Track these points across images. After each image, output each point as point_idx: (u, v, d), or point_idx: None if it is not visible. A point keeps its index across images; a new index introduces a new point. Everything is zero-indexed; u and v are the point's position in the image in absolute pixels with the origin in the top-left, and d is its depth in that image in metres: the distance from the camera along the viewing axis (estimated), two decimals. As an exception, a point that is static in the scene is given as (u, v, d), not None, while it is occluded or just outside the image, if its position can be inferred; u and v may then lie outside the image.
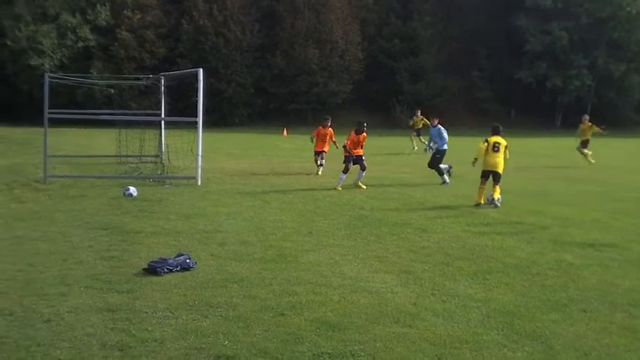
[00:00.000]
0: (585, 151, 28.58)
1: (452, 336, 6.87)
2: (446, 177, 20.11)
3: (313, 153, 23.07)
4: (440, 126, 20.56)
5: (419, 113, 35.25)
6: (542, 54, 69.28)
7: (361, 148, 19.30)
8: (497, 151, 16.40)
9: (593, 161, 27.99)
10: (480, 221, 13.74)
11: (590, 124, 29.01)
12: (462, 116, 68.68)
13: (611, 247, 11.33)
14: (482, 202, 16.02)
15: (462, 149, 26.45)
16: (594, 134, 29.15)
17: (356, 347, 6.48)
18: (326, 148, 22.81)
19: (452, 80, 70.69)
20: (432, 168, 20.27)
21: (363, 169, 19.14)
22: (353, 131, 19.33)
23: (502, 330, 7.09)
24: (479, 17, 71.93)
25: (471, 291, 8.52)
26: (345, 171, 18.90)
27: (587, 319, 7.54)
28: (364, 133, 19.40)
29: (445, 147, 20.28)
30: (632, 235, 12.54)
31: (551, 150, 35.22)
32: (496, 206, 15.68)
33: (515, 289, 8.65)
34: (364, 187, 18.90)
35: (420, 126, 34.18)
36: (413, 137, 34.70)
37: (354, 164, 19.22)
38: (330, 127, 22.91)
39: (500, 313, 7.63)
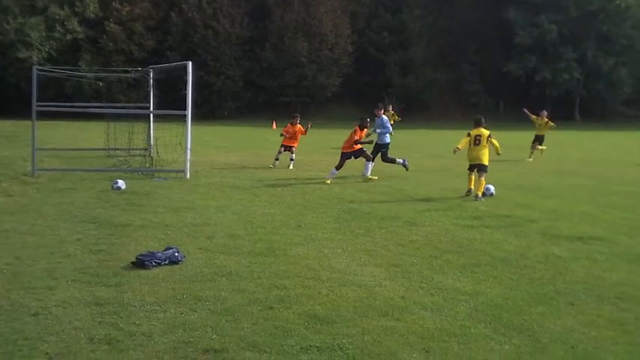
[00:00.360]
0: (539, 146, 27.64)
1: (440, 329, 6.88)
2: (400, 160, 20.10)
3: (280, 145, 23.09)
4: (384, 116, 20.55)
5: (390, 108, 34.63)
6: (531, 47, 69.56)
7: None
8: (479, 144, 16.49)
9: (538, 154, 27.41)
10: (469, 214, 13.75)
11: (547, 120, 28.11)
12: (451, 109, 68.95)
13: (599, 240, 11.36)
14: (473, 188, 16.13)
15: (450, 142, 26.45)
16: (549, 129, 28.31)
17: (344, 340, 6.48)
18: (295, 144, 23.07)
19: (441, 73, 70.92)
20: (386, 162, 20.14)
21: (368, 159, 19.10)
22: (357, 127, 19.27)
23: (490, 323, 7.10)
24: (469, 10, 72.07)
25: (459, 284, 8.53)
26: (339, 167, 18.85)
27: (575, 312, 7.56)
28: (366, 129, 19.44)
29: (388, 139, 20.22)
30: (621, 228, 12.57)
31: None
32: (482, 197, 15.80)
33: (503, 283, 8.66)
34: (375, 177, 18.90)
35: (391, 122, 33.36)
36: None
37: (355, 158, 19.19)
38: (299, 123, 23.19)
39: (488, 306, 7.64)
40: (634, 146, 37.50)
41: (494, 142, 16.66)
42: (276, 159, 22.47)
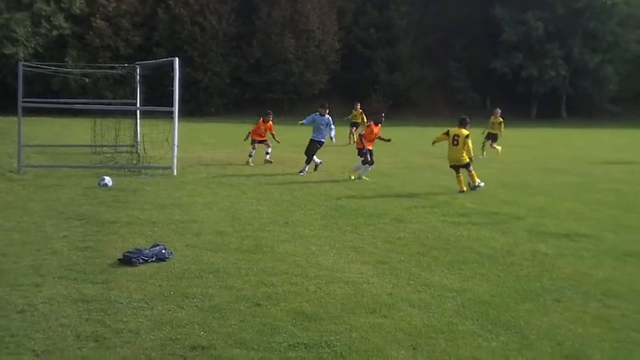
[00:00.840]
0: (495, 145, 26.97)
1: (427, 326, 6.89)
2: (317, 159, 20.31)
3: (251, 142, 22.94)
4: (329, 116, 20.59)
5: (358, 106, 34.26)
6: (517, 44, 69.74)
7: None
8: (457, 144, 16.70)
9: (485, 154, 26.61)
10: (456, 211, 13.79)
11: (501, 119, 27.45)
12: (438, 106, 68.99)
13: (585, 237, 11.42)
14: (465, 189, 16.29)
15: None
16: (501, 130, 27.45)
17: (332, 337, 6.49)
18: (265, 137, 22.99)
19: (428, 70, 70.86)
20: (307, 155, 20.17)
21: (370, 164, 18.95)
22: (372, 122, 19.19)
23: (477, 320, 7.12)
24: (456, 6, 72.09)
25: (446, 281, 8.55)
26: (370, 163, 18.80)
27: (561, 308, 7.59)
28: (380, 125, 19.35)
29: (324, 139, 20.35)
30: (607, 225, 12.63)
31: (527, 140, 35.42)
32: (478, 187, 16.10)
33: (490, 280, 8.69)
34: (353, 178, 18.71)
35: (359, 120, 32.46)
36: (353, 131, 32.44)
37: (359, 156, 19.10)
38: (271, 121, 23.14)
39: (475, 303, 7.66)
40: (620, 143, 37.66)
41: (469, 143, 16.84)
42: (250, 155, 22.35)
